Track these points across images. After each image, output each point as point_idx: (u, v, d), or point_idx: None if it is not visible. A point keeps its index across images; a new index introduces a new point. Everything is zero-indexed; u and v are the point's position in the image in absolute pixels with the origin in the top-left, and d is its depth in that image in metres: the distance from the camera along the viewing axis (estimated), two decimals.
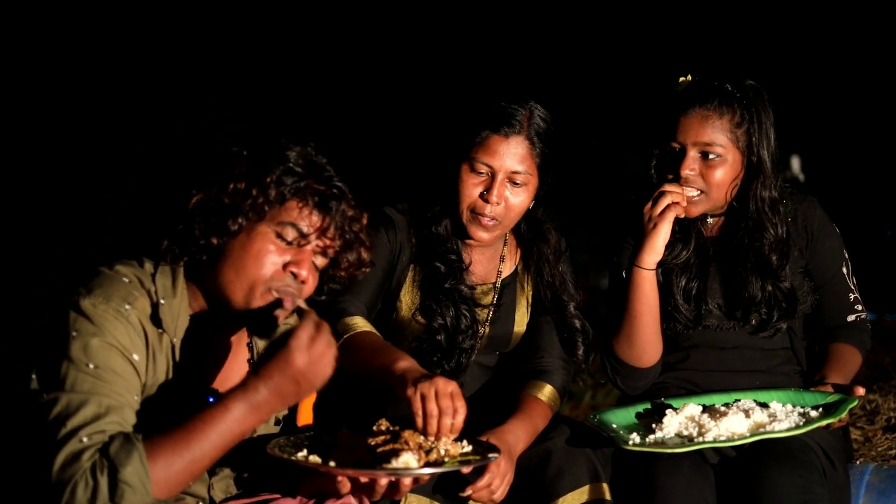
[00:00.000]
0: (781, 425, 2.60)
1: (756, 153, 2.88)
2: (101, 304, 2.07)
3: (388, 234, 2.90)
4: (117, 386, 2.04)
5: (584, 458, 2.71)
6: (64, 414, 1.97)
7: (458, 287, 2.89)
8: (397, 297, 2.92)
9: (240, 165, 2.18)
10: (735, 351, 2.99)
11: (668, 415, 2.69)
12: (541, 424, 2.83)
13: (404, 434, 2.20)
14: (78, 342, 2.03)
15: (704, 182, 2.87)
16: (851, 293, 3.06)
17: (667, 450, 2.55)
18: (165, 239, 2.19)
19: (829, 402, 2.72)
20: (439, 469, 2.19)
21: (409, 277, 2.93)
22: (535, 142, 2.80)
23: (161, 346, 2.17)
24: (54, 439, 1.95)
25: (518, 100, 2.83)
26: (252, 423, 2.01)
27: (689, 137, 2.85)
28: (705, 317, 2.97)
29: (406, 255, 2.92)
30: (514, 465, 2.69)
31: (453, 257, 2.91)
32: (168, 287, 2.20)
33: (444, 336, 2.87)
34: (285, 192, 2.18)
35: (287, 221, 2.18)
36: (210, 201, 2.16)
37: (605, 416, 2.78)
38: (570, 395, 5.79)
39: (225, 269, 2.18)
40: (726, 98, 2.86)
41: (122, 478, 1.91)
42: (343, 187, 2.25)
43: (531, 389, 2.91)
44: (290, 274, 2.19)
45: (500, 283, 3.02)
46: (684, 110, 2.87)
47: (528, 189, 2.83)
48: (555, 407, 2.92)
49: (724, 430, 2.60)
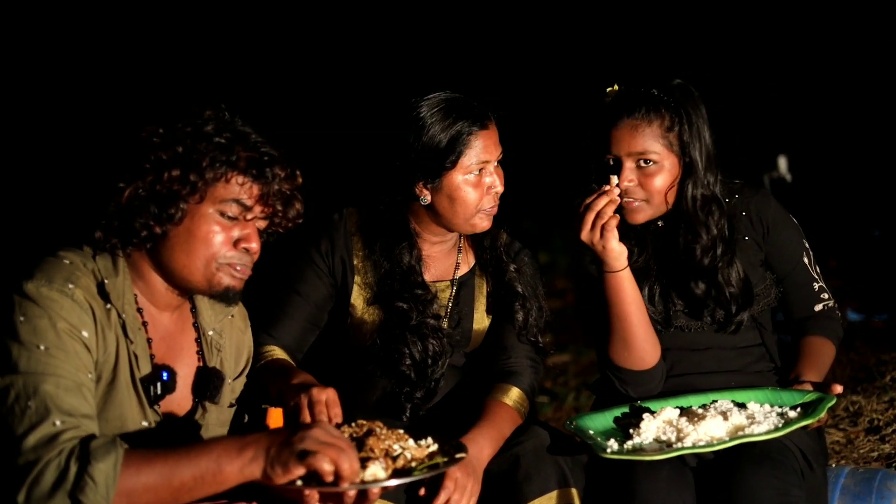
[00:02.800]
0: (760, 428, 2.57)
1: (688, 153, 2.87)
2: (44, 286, 2.09)
3: (322, 255, 2.93)
4: (69, 365, 2.06)
5: (552, 464, 2.69)
6: (24, 395, 2.00)
7: (424, 321, 2.88)
8: (348, 304, 2.92)
9: (165, 150, 2.17)
10: (708, 352, 2.96)
11: (645, 419, 2.66)
12: (507, 430, 2.81)
13: (368, 441, 2.15)
14: (26, 325, 2.05)
15: (644, 191, 2.85)
16: (816, 283, 3.04)
17: (646, 457, 2.51)
18: (99, 231, 2.19)
19: (808, 401, 2.70)
20: (408, 479, 2.16)
21: (357, 280, 2.92)
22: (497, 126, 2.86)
23: (110, 321, 2.18)
24: (21, 420, 1.97)
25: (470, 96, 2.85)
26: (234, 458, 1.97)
27: (623, 149, 2.84)
28: (675, 318, 2.95)
29: (349, 261, 2.92)
30: (478, 476, 2.67)
31: (419, 291, 2.89)
32: (109, 267, 2.22)
33: (414, 372, 2.87)
34: (222, 170, 2.18)
35: (228, 199, 2.20)
36: (143, 191, 2.16)
37: (582, 422, 2.74)
38: (552, 396, 5.78)
39: (176, 254, 2.21)
40: (653, 104, 2.85)
41: (89, 471, 1.92)
42: (271, 150, 2.25)
43: (496, 394, 2.89)
44: (243, 249, 2.22)
45: (457, 279, 2.99)
46: (614, 122, 2.85)
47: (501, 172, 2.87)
48: (523, 409, 2.90)
49: (703, 435, 2.57)
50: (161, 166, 2.16)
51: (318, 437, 1.97)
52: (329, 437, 1.98)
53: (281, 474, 1.96)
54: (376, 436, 2.17)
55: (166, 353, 2.32)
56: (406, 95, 2.88)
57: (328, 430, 2.00)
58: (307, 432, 1.98)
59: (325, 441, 1.97)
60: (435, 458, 2.24)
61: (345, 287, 2.93)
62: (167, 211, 2.17)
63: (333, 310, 2.96)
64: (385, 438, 2.18)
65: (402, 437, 2.22)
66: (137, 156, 2.18)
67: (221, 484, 1.98)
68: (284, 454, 1.96)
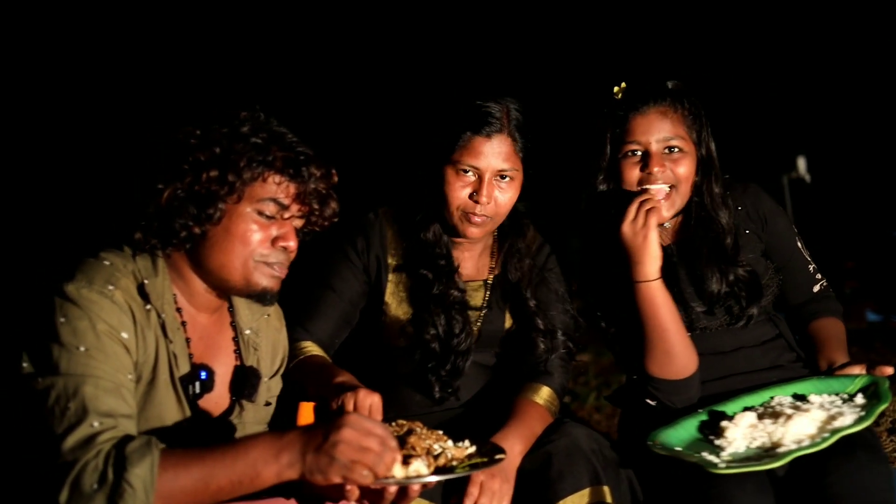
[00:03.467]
0: (847, 419, 2.54)
1: (706, 147, 2.91)
2: (84, 287, 2.10)
3: (357, 253, 2.94)
4: (109, 367, 2.07)
5: (584, 461, 2.68)
6: (64, 397, 2.01)
7: (447, 292, 2.90)
8: (382, 301, 2.94)
9: (203, 151, 2.19)
10: (736, 353, 2.96)
11: (728, 427, 2.61)
12: (538, 428, 2.81)
13: (409, 440, 2.17)
14: (66, 327, 2.06)
15: (673, 176, 2.85)
16: (810, 265, 3.09)
17: (763, 466, 2.43)
18: (139, 232, 2.21)
19: (862, 385, 2.71)
20: (450, 475, 2.17)
21: (391, 279, 2.94)
22: (516, 137, 2.81)
23: (149, 322, 2.20)
24: (61, 421, 1.98)
25: (494, 97, 2.83)
26: (270, 463, 1.98)
27: (651, 135, 2.83)
28: (696, 320, 2.95)
29: (383, 260, 2.94)
30: (508, 475, 2.67)
31: (442, 262, 2.91)
32: (149, 268, 2.24)
33: (438, 344, 2.88)
34: (259, 170, 2.21)
35: (266, 198, 2.23)
36: (182, 192, 2.19)
37: (663, 440, 2.66)
38: (573, 396, 5.80)
39: (215, 253, 2.24)
40: (674, 94, 2.88)
41: (127, 477, 1.92)
42: (306, 149, 2.28)
43: (527, 393, 2.89)
44: (280, 248, 2.25)
45: (491, 280, 3.01)
46: (638, 109, 2.84)
47: (515, 184, 2.85)
48: (553, 408, 2.90)
49: (798, 435, 2.53)
50: (199, 167, 2.19)
51: (352, 442, 1.95)
52: (362, 439, 1.96)
53: (322, 481, 1.97)
54: (417, 435, 2.19)
55: (204, 352, 2.34)
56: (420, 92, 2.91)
57: (361, 428, 1.97)
58: (340, 436, 1.95)
59: (359, 446, 1.95)
60: (474, 459, 2.26)
61: (378, 285, 2.95)
62: (206, 211, 2.19)
63: (367, 308, 2.98)
64: (425, 438, 2.20)
65: (442, 438, 2.24)
66: (175, 157, 2.20)
67: (259, 486, 1.99)
68: (322, 462, 1.95)
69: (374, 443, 1.97)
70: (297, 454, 1.96)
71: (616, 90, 2.92)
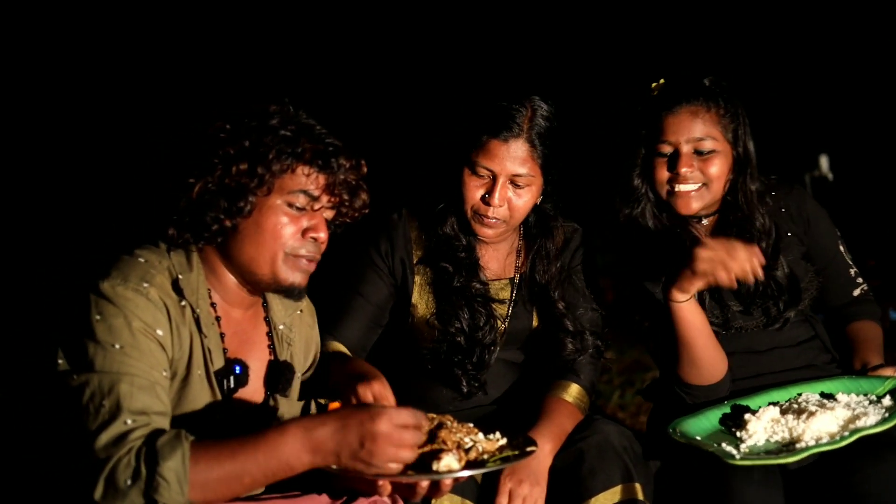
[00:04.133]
0: (870, 419, 2.55)
1: (742, 144, 2.89)
2: (119, 285, 2.12)
3: (382, 255, 2.95)
4: (144, 364, 2.09)
5: (616, 458, 2.70)
6: (98, 394, 2.03)
7: (469, 285, 2.90)
8: (409, 303, 2.95)
9: (233, 144, 2.20)
10: (772, 353, 2.96)
11: (750, 420, 2.63)
12: (568, 426, 2.82)
13: (440, 434, 2.18)
14: (102, 324, 2.08)
15: (703, 175, 2.86)
16: (851, 268, 3.08)
17: (781, 460, 2.46)
18: (171, 227, 2.23)
19: (892, 387, 2.72)
20: (482, 469, 2.18)
21: (417, 280, 2.95)
22: (535, 143, 2.80)
23: (184, 318, 2.21)
24: (95, 419, 2.00)
25: (518, 100, 2.82)
26: (304, 459, 2.01)
27: (682, 135, 2.84)
28: (732, 319, 2.95)
29: (409, 262, 2.95)
30: (538, 476, 2.69)
31: (462, 255, 2.92)
32: (184, 263, 2.25)
33: (463, 337, 2.89)
34: (289, 162, 2.22)
35: (296, 189, 2.23)
36: (212, 186, 2.20)
37: (684, 429, 2.68)
38: (597, 394, 5.80)
39: (245, 246, 2.25)
40: (709, 93, 2.87)
41: (160, 471, 1.95)
42: (335, 141, 2.28)
43: (556, 390, 2.90)
44: (311, 239, 2.26)
45: (517, 279, 3.01)
46: (670, 109, 2.85)
47: (532, 189, 2.84)
48: (583, 406, 2.91)
49: (819, 431, 2.54)
50: (229, 161, 2.20)
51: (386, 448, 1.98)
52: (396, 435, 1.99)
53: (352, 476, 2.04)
54: (448, 428, 2.19)
55: (239, 347, 2.35)
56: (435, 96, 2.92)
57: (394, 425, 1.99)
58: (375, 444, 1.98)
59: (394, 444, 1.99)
60: (505, 452, 2.25)
61: (405, 287, 2.95)
62: (236, 204, 2.20)
63: (395, 309, 2.98)
64: (456, 431, 2.20)
65: (473, 431, 2.24)
66: (205, 151, 2.22)
67: (289, 477, 2.04)
68: (358, 466, 1.99)
69: (409, 437, 2.00)
70: (329, 455, 1.99)
71: (654, 86, 2.94)
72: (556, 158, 2.87)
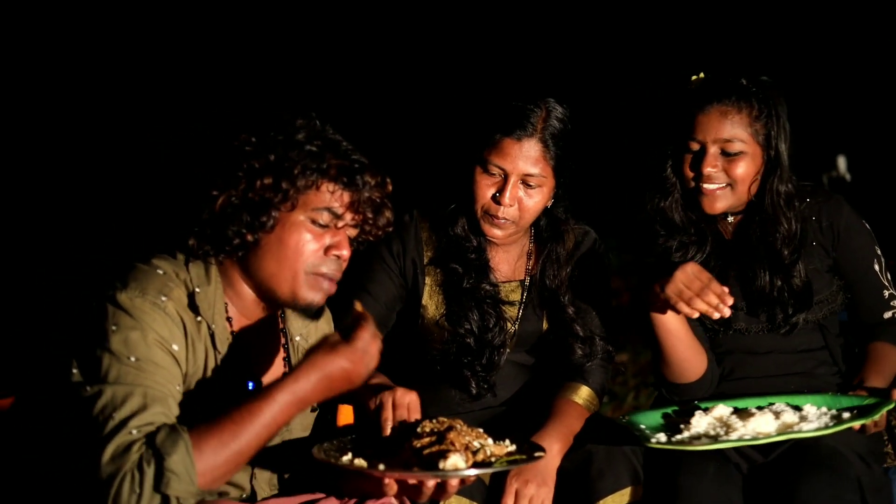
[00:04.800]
0: (809, 426, 2.54)
1: (774, 146, 2.83)
2: (137, 297, 2.10)
3: (393, 256, 2.95)
4: (159, 377, 2.07)
5: (625, 460, 2.69)
6: (111, 406, 2.01)
7: (478, 286, 2.90)
8: (419, 304, 2.95)
9: (258, 158, 2.18)
10: (770, 356, 2.93)
11: (696, 415, 2.64)
12: (577, 427, 2.82)
13: (449, 435, 2.18)
14: (118, 336, 2.06)
15: (728, 177, 2.83)
16: (886, 290, 2.99)
17: (689, 447, 2.48)
18: (192, 238, 2.20)
19: (865, 405, 2.64)
20: (488, 469, 2.19)
21: (427, 282, 2.95)
22: (549, 144, 2.79)
23: (199, 334, 2.19)
24: (103, 431, 1.98)
25: (533, 100, 2.81)
26: (294, 412, 2.06)
27: (709, 135, 2.81)
28: (734, 320, 2.91)
29: (419, 263, 2.95)
30: (545, 477, 2.68)
31: (472, 256, 2.91)
32: (202, 276, 2.23)
33: (473, 339, 2.89)
34: (314, 178, 2.19)
35: (320, 207, 2.20)
36: (236, 199, 2.17)
37: (635, 417, 2.74)
38: (612, 395, 5.79)
39: (266, 262, 2.21)
40: (743, 93, 2.82)
41: (168, 466, 1.94)
42: (361, 157, 2.26)
43: (566, 392, 2.90)
44: (333, 257, 2.24)
45: (528, 281, 3.00)
46: (701, 108, 2.83)
47: (543, 190, 2.83)
48: (593, 408, 2.90)
49: (751, 430, 2.53)
50: (253, 174, 2.16)
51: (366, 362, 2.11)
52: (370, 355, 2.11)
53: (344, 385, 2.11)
54: (457, 431, 2.20)
55: (254, 359, 2.34)
56: None
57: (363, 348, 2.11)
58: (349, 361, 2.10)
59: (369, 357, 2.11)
60: (513, 456, 2.26)
61: (416, 288, 2.95)
62: (259, 219, 2.17)
63: (405, 310, 2.98)
64: (465, 434, 2.21)
65: (482, 435, 2.24)
66: (230, 164, 2.18)
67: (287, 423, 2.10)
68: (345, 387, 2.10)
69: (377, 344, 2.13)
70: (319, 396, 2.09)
71: (693, 79, 2.92)
72: (568, 161, 2.86)
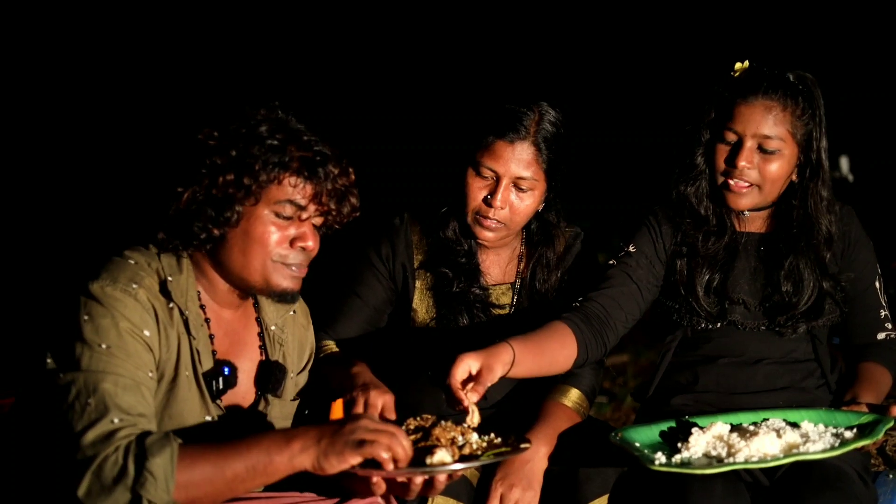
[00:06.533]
0: (815, 446, 2.44)
1: (815, 149, 2.76)
2: (108, 286, 2.13)
3: (383, 259, 2.94)
4: (130, 364, 2.10)
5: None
6: (84, 392, 2.04)
7: (468, 290, 2.89)
8: (410, 308, 2.94)
9: (220, 154, 2.20)
10: (758, 367, 2.86)
11: (694, 434, 2.53)
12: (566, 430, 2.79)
13: (434, 431, 2.20)
14: (90, 325, 2.09)
15: (759, 175, 2.75)
16: (883, 310, 2.93)
17: (696, 470, 2.36)
18: (161, 233, 2.24)
19: (864, 422, 2.58)
20: (476, 462, 2.18)
21: (418, 285, 2.94)
22: (541, 147, 2.77)
23: (172, 320, 2.23)
24: (81, 417, 2.01)
25: (526, 103, 2.80)
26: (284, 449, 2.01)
27: (750, 128, 2.72)
28: (730, 311, 2.85)
29: (410, 266, 2.94)
30: (531, 479, 2.67)
31: (462, 260, 2.91)
32: (174, 265, 2.26)
33: (463, 342, 2.82)
34: (276, 172, 2.21)
35: (283, 200, 2.23)
36: (200, 195, 2.20)
37: (628, 434, 2.61)
38: (611, 397, 5.76)
39: (234, 255, 2.25)
40: (791, 89, 2.74)
41: (148, 466, 1.95)
42: (324, 148, 2.27)
43: (555, 394, 2.88)
44: (299, 248, 2.27)
45: (518, 284, 2.99)
46: (745, 98, 2.73)
47: (535, 194, 2.82)
48: (583, 410, 2.88)
49: (756, 451, 2.42)
50: (216, 171, 2.20)
51: (369, 426, 2.02)
52: (378, 424, 2.03)
53: (336, 464, 2.00)
54: (442, 427, 2.21)
55: (229, 348, 2.36)
56: None
57: (376, 421, 2.05)
58: (357, 423, 2.02)
59: (375, 429, 2.01)
60: (499, 449, 2.25)
61: (406, 291, 2.95)
62: (223, 214, 2.21)
63: (395, 313, 2.98)
64: (450, 430, 2.21)
65: (467, 431, 2.25)
66: (193, 160, 2.21)
67: (273, 475, 2.02)
68: (338, 444, 1.99)
69: (390, 427, 2.04)
70: (310, 440, 2.01)
71: (737, 67, 2.82)
72: (560, 165, 2.84)
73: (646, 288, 2.88)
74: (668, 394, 2.92)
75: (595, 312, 2.78)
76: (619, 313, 2.82)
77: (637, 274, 2.87)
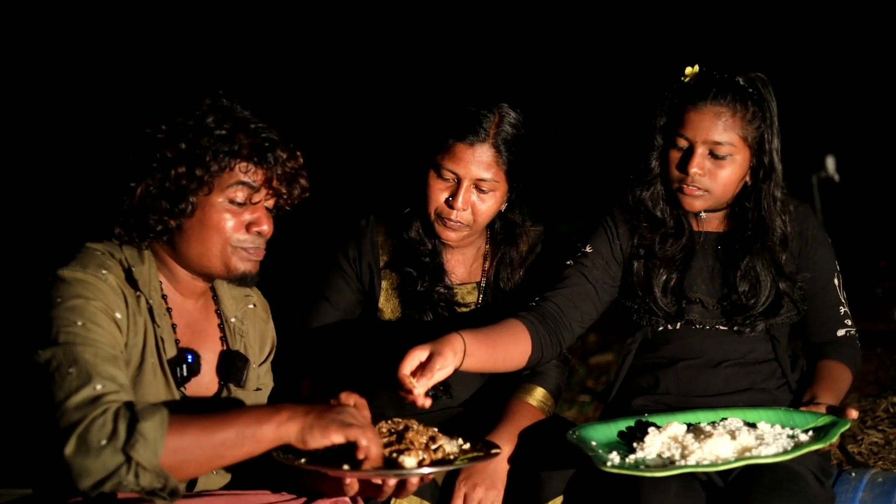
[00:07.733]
0: (769, 450, 2.42)
1: (768, 151, 2.76)
2: (78, 271, 2.18)
3: (350, 261, 2.96)
4: (105, 338, 2.13)
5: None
6: (65, 363, 2.05)
7: (432, 289, 2.91)
8: (376, 308, 2.95)
9: (170, 147, 2.24)
10: (718, 369, 2.86)
11: (650, 434, 2.52)
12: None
13: (407, 435, 2.23)
14: (63, 306, 2.13)
15: (711, 181, 2.75)
16: (842, 307, 2.94)
17: (646, 473, 2.36)
18: (118, 227, 2.28)
19: (821, 424, 2.57)
20: (449, 467, 2.22)
21: (384, 286, 2.95)
22: (501, 149, 2.79)
23: (139, 307, 2.27)
24: (63, 385, 2.02)
25: (486, 105, 2.81)
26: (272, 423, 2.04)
27: (700, 135, 2.72)
28: (687, 311, 2.86)
29: (375, 267, 2.95)
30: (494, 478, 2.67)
31: (426, 259, 2.92)
32: (135, 256, 2.31)
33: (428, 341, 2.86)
34: (226, 161, 2.26)
35: (235, 186, 2.28)
36: (153, 188, 2.25)
37: (586, 432, 2.60)
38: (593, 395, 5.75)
39: (192, 244, 2.30)
40: (740, 93, 2.73)
41: (139, 428, 1.97)
42: (271, 134, 2.33)
43: (520, 393, 2.89)
44: (255, 232, 2.32)
45: (483, 283, 2.99)
46: (694, 104, 2.73)
47: (496, 195, 2.84)
48: (547, 409, 2.90)
49: (709, 454, 2.41)
50: (167, 164, 2.24)
51: (355, 414, 2.10)
52: (362, 419, 2.10)
53: (319, 437, 2.04)
54: (414, 430, 2.24)
55: (192, 338, 2.40)
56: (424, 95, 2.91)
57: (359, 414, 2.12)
58: (344, 407, 2.10)
59: (361, 419, 2.09)
60: (470, 454, 2.29)
61: (372, 291, 2.97)
62: (178, 206, 2.25)
63: (362, 314, 3.00)
64: (422, 434, 2.25)
65: (438, 435, 2.28)
66: (144, 154, 2.26)
67: (260, 441, 2.05)
68: (325, 419, 2.05)
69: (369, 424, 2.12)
70: (297, 412, 2.06)
71: (687, 72, 2.81)
72: (521, 166, 2.86)
73: (602, 288, 2.89)
74: (630, 396, 2.92)
75: (550, 311, 2.80)
76: (575, 313, 2.84)
77: (593, 274, 2.88)
